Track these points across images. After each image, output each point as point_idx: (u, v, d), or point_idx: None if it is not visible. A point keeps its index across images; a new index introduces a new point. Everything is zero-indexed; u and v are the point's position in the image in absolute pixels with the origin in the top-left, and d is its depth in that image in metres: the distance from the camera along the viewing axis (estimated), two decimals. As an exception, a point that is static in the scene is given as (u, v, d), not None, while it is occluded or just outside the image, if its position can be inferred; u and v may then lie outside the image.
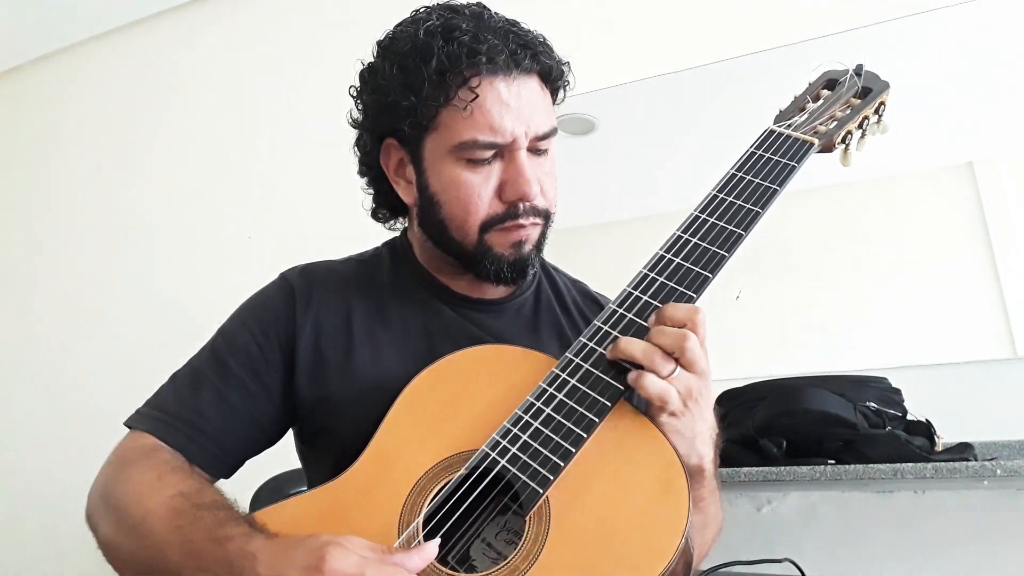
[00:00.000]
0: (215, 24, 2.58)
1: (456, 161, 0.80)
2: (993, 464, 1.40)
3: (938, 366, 1.76)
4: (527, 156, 0.81)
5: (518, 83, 0.80)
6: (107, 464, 0.77)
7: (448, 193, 0.81)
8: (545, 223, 0.85)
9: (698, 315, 0.68)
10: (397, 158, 0.86)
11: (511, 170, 0.80)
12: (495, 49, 0.78)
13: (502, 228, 0.82)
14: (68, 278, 2.62)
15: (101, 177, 2.65)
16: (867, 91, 0.87)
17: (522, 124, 0.79)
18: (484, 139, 0.78)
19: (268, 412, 0.83)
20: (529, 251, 0.84)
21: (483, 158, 0.79)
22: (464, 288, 0.89)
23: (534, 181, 0.80)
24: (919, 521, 1.61)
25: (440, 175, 0.81)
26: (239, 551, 0.59)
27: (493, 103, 0.78)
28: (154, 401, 0.83)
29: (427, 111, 0.79)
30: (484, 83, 0.78)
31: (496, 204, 0.81)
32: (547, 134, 0.82)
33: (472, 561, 0.68)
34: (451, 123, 0.79)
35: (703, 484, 0.74)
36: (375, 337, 0.85)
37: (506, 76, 0.79)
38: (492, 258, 0.83)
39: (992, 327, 1.74)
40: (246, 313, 0.88)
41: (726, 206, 0.76)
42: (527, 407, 0.70)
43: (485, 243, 0.82)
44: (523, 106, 0.79)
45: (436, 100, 0.78)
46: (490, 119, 0.78)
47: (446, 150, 0.80)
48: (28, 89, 2.87)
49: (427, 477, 0.69)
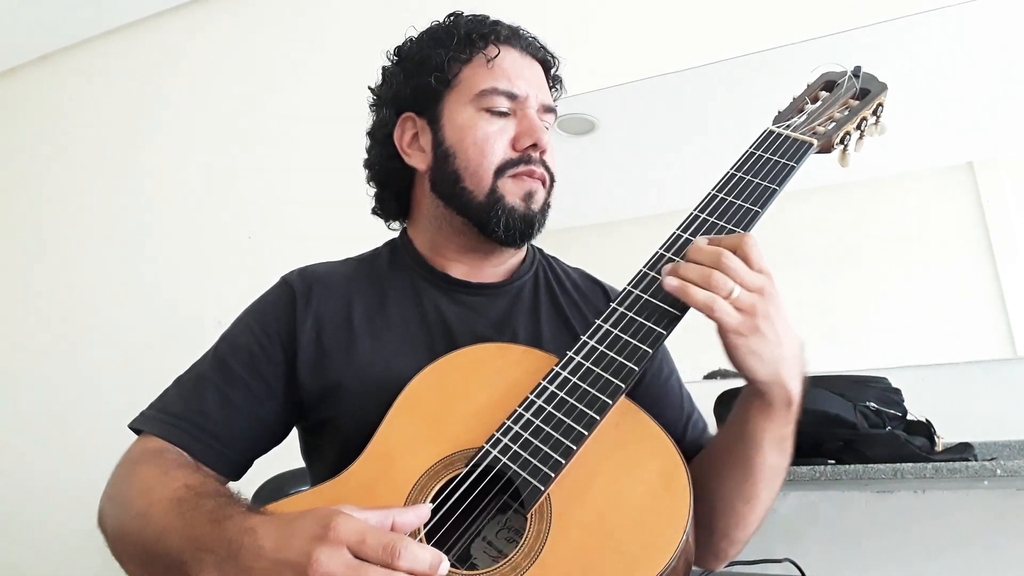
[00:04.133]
0: (215, 25, 2.58)
1: (476, 111, 0.88)
2: (993, 464, 1.40)
3: (938, 366, 1.76)
4: (536, 116, 0.89)
5: (530, 60, 0.92)
6: (116, 469, 0.78)
7: (465, 140, 0.87)
8: (550, 186, 0.91)
9: (745, 239, 0.68)
10: (412, 132, 0.92)
11: (525, 123, 0.87)
12: (513, 29, 0.92)
13: (515, 174, 0.87)
14: (67, 277, 2.63)
15: (101, 177, 2.65)
16: (865, 92, 0.88)
17: (534, 89, 0.90)
18: (503, 87, 0.87)
19: (272, 410, 0.84)
20: (536, 209, 0.88)
21: (500, 107, 0.87)
22: (464, 273, 0.91)
23: (545, 133, 0.88)
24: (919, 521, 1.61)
25: (458, 126, 0.88)
26: (238, 527, 0.59)
27: (512, 62, 0.90)
28: (159, 404, 0.84)
29: (452, 68, 0.89)
30: (505, 47, 0.90)
31: (510, 151, 0.87)
32: (552, 108, 0.93)
33: (473, 559, 0.68)
34: (473, 77, 0.88)
35: (788, 420, 0.72)
36: (376, 328, 0.86)
37: (521, 51, 0.92)
38: (503, 207, 0.86)
39: (992, 327, 1.74)
40: (247, 317, 0.89)
41: (726, 206, 0.76)
42: (528, 404, 0.70)
43: (498, 190, 0.86)
44: (535, 76, 0.91)
45: (463, 53, 0.88)
46: (509, 73, 0.88)
47: (467, 100, 0.88)
48: (28, 89, 2.87)
49: (428, 475, 0.69)
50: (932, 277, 1.83)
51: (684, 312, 0.71)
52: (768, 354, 0.68)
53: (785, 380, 0.69)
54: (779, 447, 0.73)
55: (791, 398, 0.71)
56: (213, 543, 0.59)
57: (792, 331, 0.70)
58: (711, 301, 0.66)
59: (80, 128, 2.73)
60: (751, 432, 0.72)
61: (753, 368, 0.68)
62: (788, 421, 0.72)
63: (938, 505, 1.60)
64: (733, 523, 0.77)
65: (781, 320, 0.68)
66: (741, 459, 0.74)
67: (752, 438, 0.72)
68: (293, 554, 0.54)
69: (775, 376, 0.69)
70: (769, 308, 0.67)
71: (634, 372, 0.69)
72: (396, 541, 0.54)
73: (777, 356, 0.68)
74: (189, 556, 0.60)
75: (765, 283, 0.67)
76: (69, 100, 2.79)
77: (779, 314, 0.68)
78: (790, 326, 0.70)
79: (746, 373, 0.69)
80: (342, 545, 0.53)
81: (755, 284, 0.67)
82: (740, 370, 0.69)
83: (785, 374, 0.69)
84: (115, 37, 2.71)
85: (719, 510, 0.76)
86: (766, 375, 0.68)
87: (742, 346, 0.67)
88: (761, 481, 0.74)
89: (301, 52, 2.44)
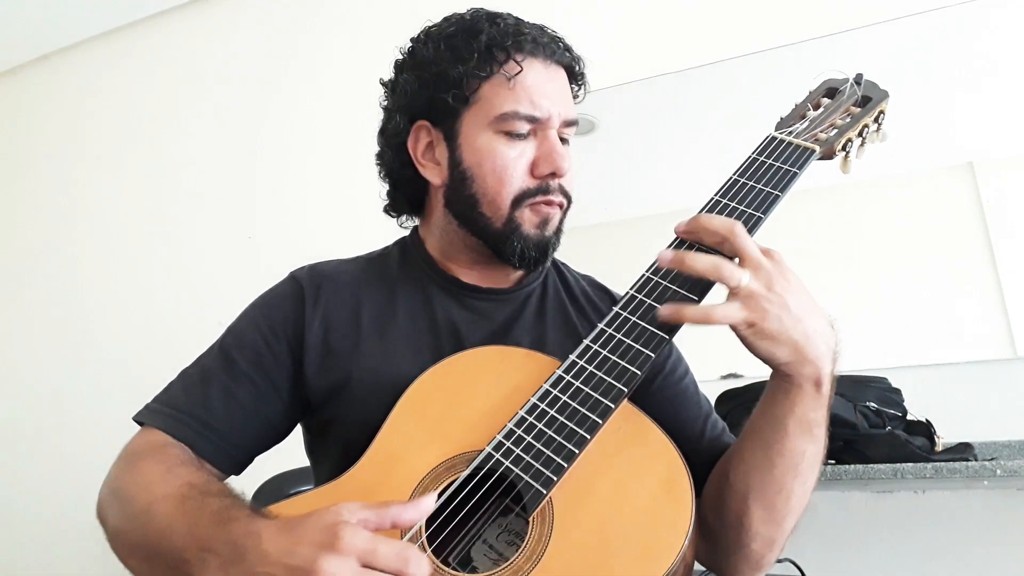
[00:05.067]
0: (217, 25, 2.58)
1: (495, 134, 0.83)
2: (993, 464, 1.40)
3: (938, 366, 1.76)
4: (557, 137, 0.85)
5: (553, 70, 0.86)
6: (117, 460, 0.78)
7: (483, 166, 0.84)
8: (566, 208, 0.89)
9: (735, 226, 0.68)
10: (427, 141, 0.89)
11: (545, 147, 0.84)
12: (537, 33, 0.85)
13: (533, 203, 0.84)
14: (67, 277, 2.63)
15: (101, 177, 2.65)
16: (867, 100, 0.88)
17: (556, 106, 0.84)
18: (524, 111, 0.82)
19: (276, 408, 0.84)
20: (551, 234, 0.87)
21: (521, 131, 0.83)
22: (474, 278, 0.91)
23: (566, 157, 0.85)
24: (919, 521, 1.61)
25: (476, 149, 0.84)
26: (243, 530, 0.58)
27: (535, 79, 0.84)
28: (163, 397, 0.84)
29: (471, 84, 0.83)
30: (527, 61, 0.84)
31: (528, 179, 0.84)
32: (574, 121, 0.88)
33: (473, 563, 0.69)
34: (493, 96, 0.83)
35: (818, 403, 0.69)
36: (383, 329, 0.86)
37: (545, 60, 0.85)
38: (519, 236, 0.84)
39: (992, 327, 1.75)
40: (255, 311, 0.89)
41: (728, 212, 0.76)
42: (530, 408, 0.70)
43: (515, 220, 0.84)
44: (557, 91, 0.86)
45: (482, 71, 0.83)
46: (531, 94, 0.83)
47: (486, 122, 0.84)
48: (28, 89, 2.87)
49: (430, 477, 0.69)
50: (932, 277, 1.83)
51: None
52: (785, 336, 0.65)
53: (811, 358, 0.66)
54: (807, 431, 0.70)
55: (819, 377, 0.68)
56: (217, 545, 0.59)
57: (815, 307, 0.67)
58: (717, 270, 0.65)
59: (80, 128, 2.73)
60: (776, 415, 0.70)
61: (770, 352, 0.66)
62: (818, 404, 0.69)
63: (938, 505, 1.61)
64: (762, 517, 0.73)
65: (796, 297, 0.66)
66: (766, 444, 0.71)
67: (777, 421, 0.70)
68: (298, 560, 0.54)
69: (797, 356, 0.66)
70: (776, 287, 0.65)
71: (636, 376, 0.69)
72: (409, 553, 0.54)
73: (798, 335, 0.65)
74: (192, 556, 0.60)
75: (765, 262, 0.66)
76: (69, 100, 2.79)
77: (792, 291, 0.66)
78: (811, 302, 0.67)
79: (764, 359, 0.67)
80: (351, 555, 0.53)
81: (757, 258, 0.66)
82: (758, 356, 0.67)
83: (811, 352, 0.66)
84: (116, 37, 2.71)
85: (749, 503, 0.73)
86: (786, 357, 0.66)
87: (755, 331, 0.65)
88: (789, 470, 0.71)
89: (304, 52, 2.43)
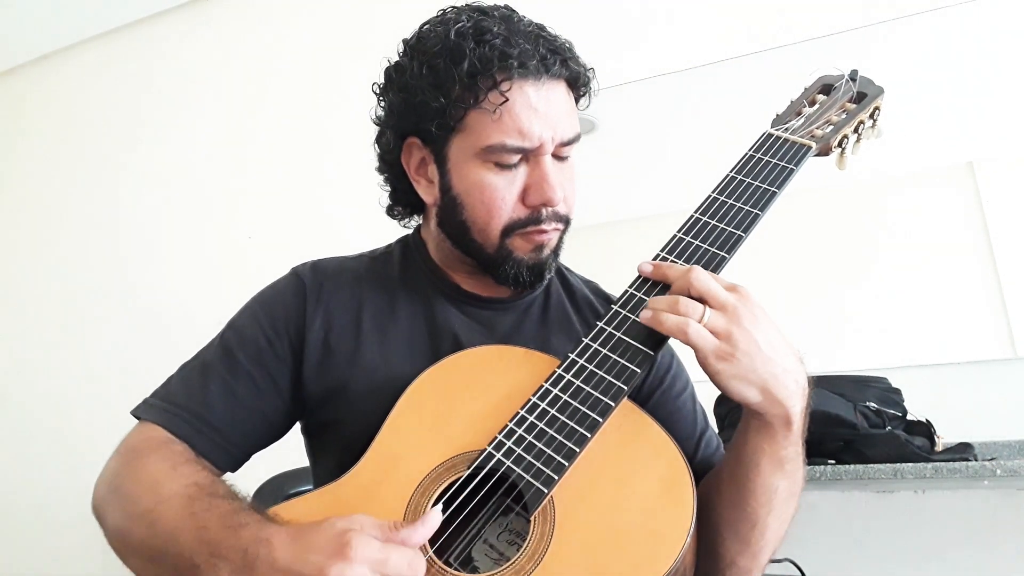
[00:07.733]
0: (215, 24, 2.58)
1: (482, 164, 0.80)
2: (993, 464, 1.41)
3: (938, 366, 1.77)
4: (551, 161, 0.81)
5: (547, 88, 0.79)
6: (115, 455, 0.77)
7: (472, 196, 0.81)
8: (564, 228, 0.86)
9: (691, 272, 0.68)
10: (419, 157, 0.86)
11: (536, 175, 0.80)
12: (526, 53, 0.77)
13: (524, 233, 0.82)
14: (67, 277, 2.62)
15: (101, 176, 2.65)
16: (862, 96, 0.88)
17: (549, 129, 0.79)
18: (512, 143, 0.78)
19: (276, 406, 0.83)
20: (548, 255, 0.85)
21: (510, 162, 0.79)
22: (475, 287, 0.89)
23: (558, 187, 0.80)
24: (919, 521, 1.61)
25: (465, 177, 0.81)
26: (253, 537, 0.58)
27: (523, 108, 0.77)
28: (162, 392, 0.83)
29: (455, 112, 0.78)
30: (515, 87, 0.77)
31: (519, 208, 0.81)
32: (572, 140, 0.82)
33: (474, 563, 0.68)
34: (479, 126, 0.78)
35: (789, 441, 0.68)
36: (384, 332, 0.85)
37: (536, 81, 0.78)
38: (512, 262, 0.83)
39: (992, 327, 1.75)
40: (256, 307, 0.88)
41: (726, 208, 0.77)
42: (530, 407, 0.70)
43: (506, 247, 0.82)
44: (551, 111, 0.79)
45: (465, 102, 0.78)
46: (519, 123, 0.77)
47: (472, 152, 0.79)
48: (28, 89, 2.87)
49: (430, 477, 0.69)
50: (932, 277, 1.83)
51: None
52: (755, 376, 0.65)
53: (779, 399, 0.66)
54: (779, 468, 0.70)
55: (789, 416, 0.67)
56: (228, 551, 0.59)
57: (783, 342, 0.66)
58: (684, 325, 0.65)
59: (80, 128, 2.73)
60: (748, 452, 0.70)
61: (740, 392, 0.65)
62: (789, 441, 0.69)
63: (938, 505, 1.61)
64: (738, 549, 0.73)
65: (764, 334, 0.65)
66: (739, 480, 0.71)
67: (749, 458, 0.70)
68: (309, 568, 0.54)
69: (766, 396, 0.66)
70: (744, 322, 0.65)
71: (636, 374, 0.69)
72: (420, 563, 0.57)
73: (765, 376, 0.65)
74: (202, 560, 0.60)
75: (732, 300, 0.66)
76: (69, 100, 2.79)
77: (760, 328, 0.65)
78: (779, 337, 0.66)
79: (736, 398, 0.66)
80: (362, 563, 0.54)
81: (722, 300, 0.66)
82: (730, 396, 0.66)
83: (779, 393, 0.65)
84: (115, 37, 2.71)
85: (723, 535, 0.73)
86: (755, 397, 0.65)
87: (723, 370, 0.65)
88: (762, 505, 0.71)
89: (301, 51, 2.44)
